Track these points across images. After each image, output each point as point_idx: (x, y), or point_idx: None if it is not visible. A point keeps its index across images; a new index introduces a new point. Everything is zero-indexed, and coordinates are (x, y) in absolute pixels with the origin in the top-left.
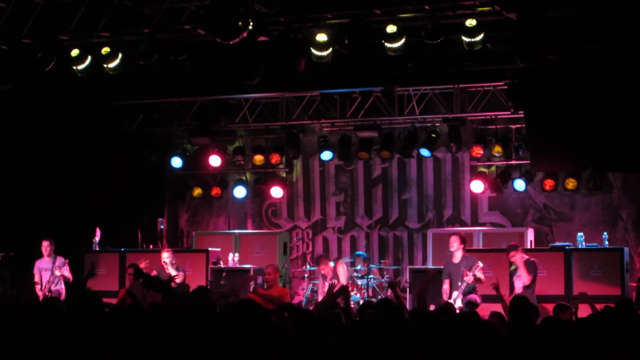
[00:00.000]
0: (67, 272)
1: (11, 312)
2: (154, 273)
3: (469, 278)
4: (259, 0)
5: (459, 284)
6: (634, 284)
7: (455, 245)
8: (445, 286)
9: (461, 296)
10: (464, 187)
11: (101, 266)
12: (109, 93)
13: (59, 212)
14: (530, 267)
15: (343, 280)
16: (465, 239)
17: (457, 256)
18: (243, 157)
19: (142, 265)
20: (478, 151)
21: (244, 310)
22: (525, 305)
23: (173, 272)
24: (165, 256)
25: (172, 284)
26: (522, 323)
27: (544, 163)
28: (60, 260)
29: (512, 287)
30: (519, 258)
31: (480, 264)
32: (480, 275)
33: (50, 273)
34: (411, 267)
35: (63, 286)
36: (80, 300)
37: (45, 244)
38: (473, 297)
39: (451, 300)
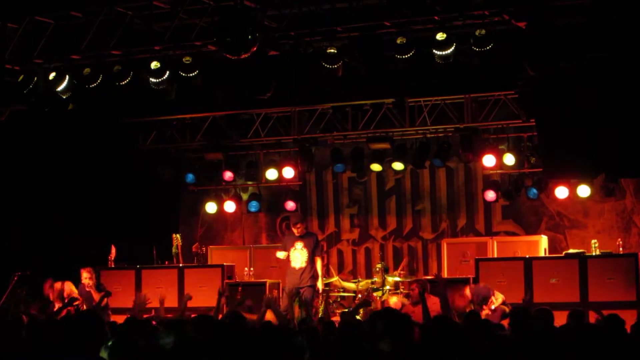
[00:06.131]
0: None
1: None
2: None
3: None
4: (268, 15)
5: None
6: None
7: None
8: None
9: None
10: (477, 197)
11: (116, 283)
12: (122, 111)
13: (74, 230)
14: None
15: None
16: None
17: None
18: (256, 171)
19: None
20: (490, 160)
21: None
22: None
23: (94, 294)
24: (85, 276)
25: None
26: None
27: (557, 171)
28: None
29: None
30: None
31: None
32: (499, 299)
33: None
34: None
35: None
36: None
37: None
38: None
39: None
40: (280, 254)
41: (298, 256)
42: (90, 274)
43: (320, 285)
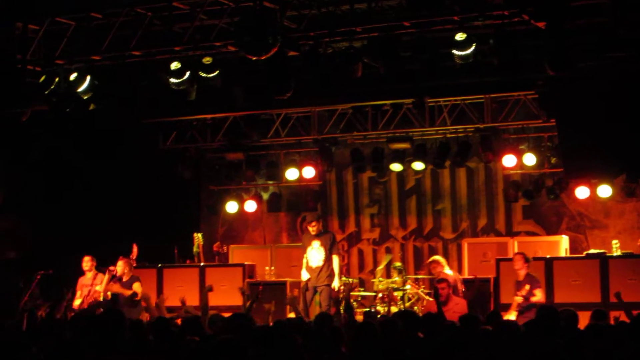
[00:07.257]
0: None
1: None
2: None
3: (518, 298)
4: (288, 16)
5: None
6: None
7: (518, 264)
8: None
9: (516, 313)
10: (498, 197)
11: None
12: (143, 111)
13: (96, 230)
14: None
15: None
16: (528, 259)
17: (521, 275)
18: (276, 171)
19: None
20: (511, 160)
21: None
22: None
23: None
24: (120, 264)
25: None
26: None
27: (577, 171)
28: (100, 277)
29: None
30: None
31: (538, 287)
32: (538, 297)
33: (88, 289)
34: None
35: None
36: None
37: (86, 259)
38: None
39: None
40: (303, 277)
41: (315, 255)
42: (125, 264)
43: (337, 284)
